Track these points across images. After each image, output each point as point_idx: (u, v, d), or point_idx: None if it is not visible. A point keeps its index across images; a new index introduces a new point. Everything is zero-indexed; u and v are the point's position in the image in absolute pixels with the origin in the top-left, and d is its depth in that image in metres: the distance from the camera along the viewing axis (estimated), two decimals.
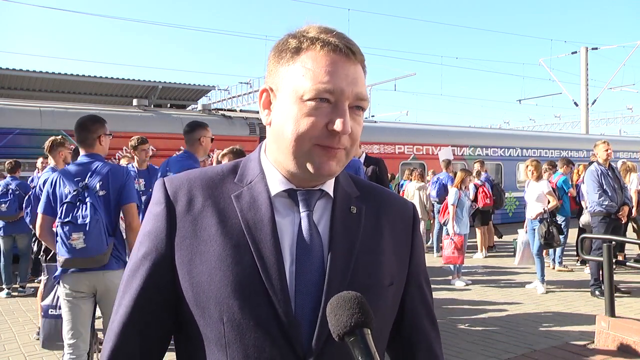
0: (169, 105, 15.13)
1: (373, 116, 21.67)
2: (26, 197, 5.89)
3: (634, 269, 7.24)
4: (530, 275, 7.89)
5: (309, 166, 0.92)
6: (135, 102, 12.05)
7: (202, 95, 16.78)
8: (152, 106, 13.10)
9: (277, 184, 0.97)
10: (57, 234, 3.18)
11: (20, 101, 10.98)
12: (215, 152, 6.44)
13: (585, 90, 23.80)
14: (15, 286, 7.43)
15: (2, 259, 7.35)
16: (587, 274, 7.82)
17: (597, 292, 6.72)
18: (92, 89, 14.88)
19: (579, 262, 9.17)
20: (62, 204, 3.17)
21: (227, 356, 0.89)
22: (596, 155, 7.32)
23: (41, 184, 4.60)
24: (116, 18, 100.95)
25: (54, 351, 4.39)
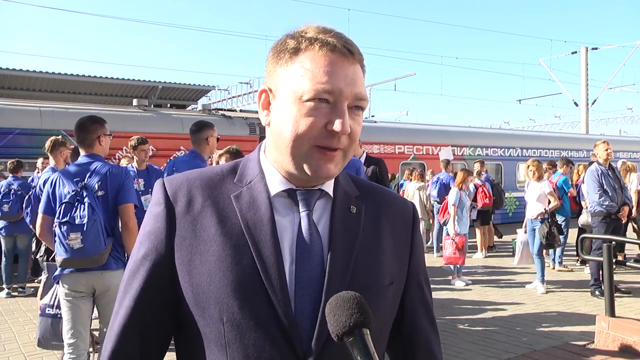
0: (169, 105, 15.12)
1: (373, 116, 21.67)
2: (26, 197, 5.89)
3: (634, 269, 7.24)
4: (530, 275, 7.88)
5: (306, 168, 0.92)
6: (135, 102, 12.05)
7: (202, 95, 16.77)
8: (152, 106, 13.09)
9: (276, 184, 0.97)
10: (55, 234, 3.19)
11: (20, 101, 10.98)
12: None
13: (585, 90, 23.79)
14: (15, 286, 7.43)
15: (4, 258, 7.36)
16: (587, 274, 7.81)
17: (597, 292, 6.72)
18: (92, 89, 14.87)
19: (579, 262, 9.17)
20: (61, 204, 3.18)
21: (227, 356, 0.89)
22: (596, 155, 7.31)
23: (41, 184, 4.60)
24: (116, 18, 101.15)
25: (54, 351, 4.38)
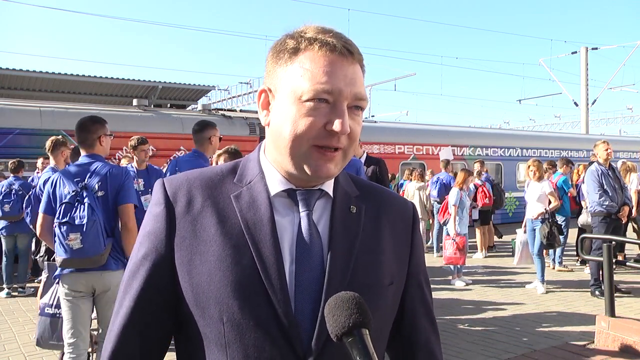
0: (169, 105, 15.12)
1: (373, 116, 21.67)
2: (26, 197, 5.89)
3: (634, 269, 7.24)
4: (530, 275, 7.88)
5: (306, 168, 0.92)
6: (135, 102, 12.05)
7: (202, 95, 16.78)
8: (152, 106, 13.09)
9: (276, 184, 0.97)
10: (55, 234, 3.19)
11: (20, 101, 10.98)
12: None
13: (585, 90, 23.79)
14: (15, 286, 7.43)
15: (5, 258, 7.36)
16: (587, 274, 7.81)
17: (597, 292, 6.72)
18: (92, 89, 14.88)
19: (579, 262, 9.17)
20: (61, 205, 3.18)
21: (227, 356, 0.89)
22: (596, 155, 7.31)
23: (41, 184, 4.59)
24: (116, 18, 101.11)
25: (54, 351, 4.38)
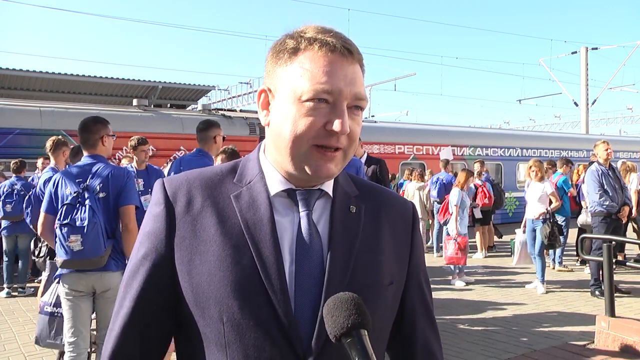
0: (169, 105, 15.13)
1: (373, 116, 21.67)
2: (26, 198, 5.88)
3: (634, 269, 7.24)
4: (530, 275, 7.88)
5: (306, 168, 0.92)
6: (135, 102, 12.06)
7: (202, 95, 16.78)
8: (152, 106, 13.10)
9: (276, 183, 0.97)
10: (56, 235, 3.20)
11: (20, 101, 10.99)
12: None
13: (585, 90, 23.78)
14: (15, 286, 7.43)
15: (5, 258, 7.36)
16: (587, 274, 7.82)
17: (597, 292, 6.71)
18: (92, 89, 14.88)
19: (579, 262, 9.17)
20: (62, 206, 3.20)
21: (227, 356, 0.89)
22: (596, 155, 7.31)
23: (41, 184, 4.59)
24: (116, 18, 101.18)
25: (54, 350, 4.38)
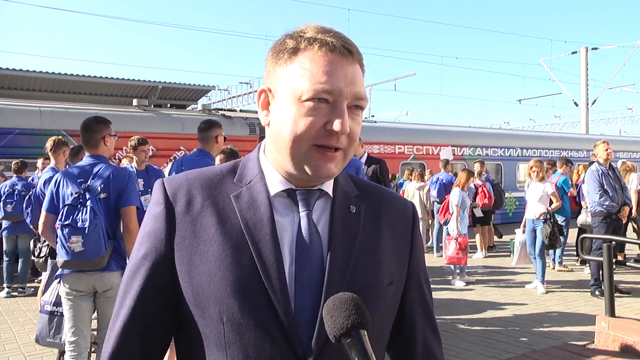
0: (169, 105, 15.13)
1: (373, 116, 21.66)
2: (26, 198, 5.89)
3: (634, 269, 7.24)
4: (530, 275, 7.88)
5: (306, 168, 0.92)
6: (135, 102, 12.06)
7: (202, 95, 16.78)
8: (152, 106, 13.10)
9: (276, 183, 0.97)
10: (57, 236, 3.21)
11: (20, 101, 10.99)
12: None
13: (585, 90, 23.78)
14: (15, 286, 7.44)
15: (6, 258, 7.36)
16: (587, 274, 7.82)
17: (597, 292, 6.71)
18: (92, 89, 14.88)
19: (579, 262, 9.17)
20: (64, 206, 3.20)
21: (227, 356, 0.89)
22: (596, 155, 7.31)
23: (41, 184, 4.59)
24: (116, 18, 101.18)
25: (54, 349, 4.38)
